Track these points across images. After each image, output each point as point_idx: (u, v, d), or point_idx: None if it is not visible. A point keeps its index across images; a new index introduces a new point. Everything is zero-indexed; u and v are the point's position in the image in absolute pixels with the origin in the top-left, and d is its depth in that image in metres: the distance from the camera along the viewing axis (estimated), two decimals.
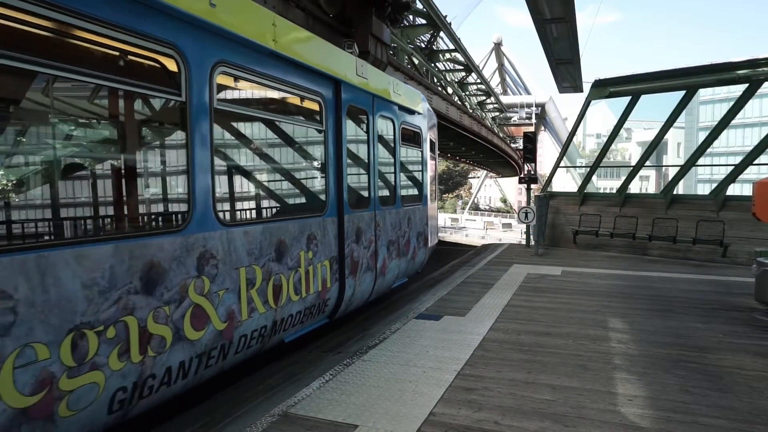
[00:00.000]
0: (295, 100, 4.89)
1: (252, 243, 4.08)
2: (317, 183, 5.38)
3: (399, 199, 7.13)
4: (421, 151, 8.12)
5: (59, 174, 3.48)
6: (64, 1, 2.63)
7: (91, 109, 3.48)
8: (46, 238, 3.30)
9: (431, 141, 8.68)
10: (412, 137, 7.71)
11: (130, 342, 3.00)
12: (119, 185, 3.69)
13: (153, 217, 3.97)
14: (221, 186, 4.11)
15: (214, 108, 3.65)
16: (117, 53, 3.05)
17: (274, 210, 5.20)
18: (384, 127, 6.61)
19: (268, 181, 5.26)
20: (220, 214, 3.76)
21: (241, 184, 4.80)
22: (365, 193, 6.16)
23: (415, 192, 8.08)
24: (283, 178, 5.42)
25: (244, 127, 4.73)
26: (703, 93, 57.64)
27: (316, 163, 5.40)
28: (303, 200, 5.58)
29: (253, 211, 4.86)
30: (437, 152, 8.92)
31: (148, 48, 3.17)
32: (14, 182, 3.18)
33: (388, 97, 6.59)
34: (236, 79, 4.04)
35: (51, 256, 2.57)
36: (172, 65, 3.35)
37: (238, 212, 4.64)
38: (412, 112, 7.49)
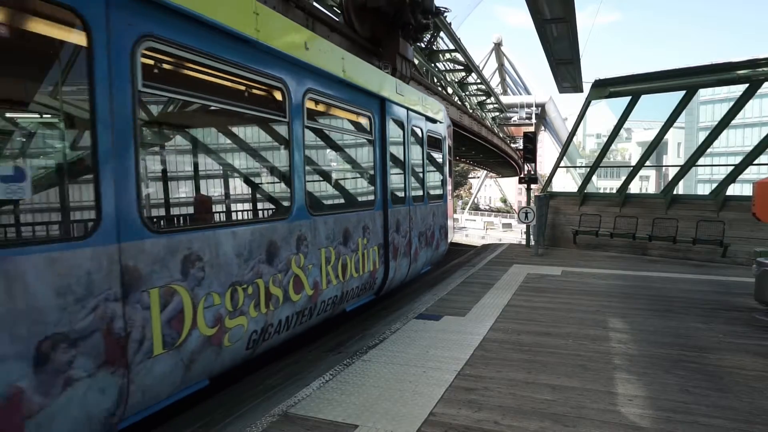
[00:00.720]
0: (354, 116, 6.11)
1: (329, 229, 5.18)
2: (369, 183, 6.55)
3: (426, 196, 8.27)
4: (442, 155, 9.31)
5: (227, 175, 5.18)
6: (219, 53, 3.67)
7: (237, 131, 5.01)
8: (216, 220, 4.72)
9: (448, 145, 9.81)
10: (435, 143, 8.80)
11: (260, 298, 4.06)
12: (253, 184, 5.29)
13: (271, 208, 5.42)
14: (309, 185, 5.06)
15: (305, 126, 4.68)
16: (247, 87, 4.18)
17: (341, 204, 6.47)
18: (415, 134, 7.80)
19: (336, 180, 6.63)
20: (309, 207, 4.79)
21: (320, 184, 6.01)
22: (401, 192, 7.24)
23: (439, 191, 9.21)
24: (345, 179, 6.85)
25: (320, 139, 5.82)
26: (703, 93, 57.62)
27: (368, 167, 6.49)
28: (360, 197, 6.74)
29: (328, 205, 6.02)
30: (452, 154, 10.22)
31: (266, 84, 4.26)
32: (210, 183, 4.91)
33: (418, 110, 7.74)
34: (317, 102, 5.10)
35: (221, 233, 3.69)
36: (279, 95, 4.39)
37: (319, 205, 5.62)
38: (435, 121, 8.59)
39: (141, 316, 2.99)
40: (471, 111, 31.49)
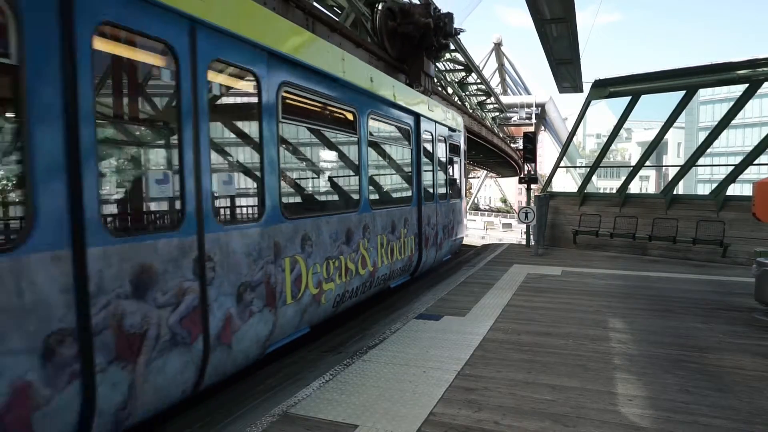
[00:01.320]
0: (398, 130, 7.70)
1: (383, 221, 6.73)
2: (408, 184, 8.09)
3: (448, 195, 9.83)
4: (460, 159, 10.95)
5: (319, 176, 6.80)
6: (320, 89, 5.17)
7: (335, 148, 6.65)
8: (318, 211, 5.96)
9: (463, 149, 11.42)
10: (455, 149, 10.46)
11: (342, 270, 5.54)
12: (336, 184, 6.92)
13: (348, 200, 6.71)
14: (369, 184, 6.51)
15: (368, 140, 6.28)
16: (332, 112, 5.77)
17: (390, 201, 7.90)
18: (441, 142, 9.33)
19: (389, 182, 8.18)
20: (370, 203, 6.29)
21: (375, 185, 7.39)
22: (431, 191, 8.77)
23: (458, 190, 10.86)
24: (392, 181, 8.33)
25: (376, 150, 7.18)
26: (703, 93, 57.61)
27: (407, 170, 8.02)
28: (402, 195, 8.21)
29: (381, 201, 7.39)
30: (465, 157, 12.26)
31: (345, 109, 5.86)
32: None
33: (443, 122, 9.34)
34: (375, 120, 6.66)
35: (322, 220, 5.18)
36: (351, 117, 6.00)
37: (376, 202, 6.91)
38: (455, 130, 10.26)
39: (281, 276, 4.41)
40: (471, 111, 31.46)
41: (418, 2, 9.86)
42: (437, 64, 19.48)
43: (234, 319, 3.75)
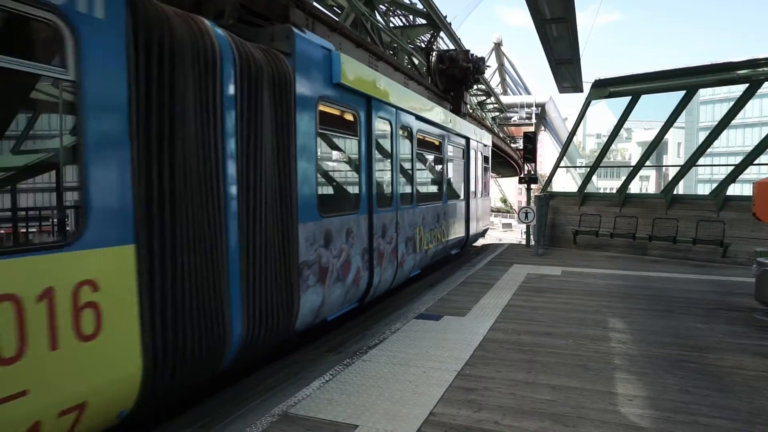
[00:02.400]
0: (459, 149, 11.22)
1: (452, 209, 10.34)
2: (461, 185, 11.62)
3: (482, 193, 13.76)
4: (487, 167, 14.80)
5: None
6: (426, 127, 8.74)
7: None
8: (428, 201, 9.01)
9: (489, 157, 15.23)
10: (486, 159, 14.47)
11: (435, 237, 9.15)
12: (436, 187, 9.88)
13: (437, 195, 9.81)
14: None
15: (447, 157, 9.86)
16: (431, 141, 9.33)
17: (455, 196, 10.99)
18: (479, 156, 13.29)
19: (455, 184, 11.13)
20: (447, 197, 9.72)
21: (452, 186, 10.70)
22: (474, 190, 12.49)
23: (488, 189, 15.17)
24: (457, 183, 11.30)
25: (454, 165, 10.89)
26: (703, 93, 57.56)
27: (462, 176, 11.67)
28: (460, 192, 11.53)
29: (450, 196, 10.44)
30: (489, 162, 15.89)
31: (436, 138, 9.38)
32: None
33: (480, 140, 13.24)
34: (449, 144, 10.13)
35: (431, 206, 8.91)
36: (438, 143, 9.43)
37: (450, 196, 10.37)
38: (486, 145, 14.36)
39: (415, 237, 8.02)
40: (471, 111, 31.44)
41: (461, 50, 14.09)
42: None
43: (386, 258, 6.99)
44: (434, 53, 13.72)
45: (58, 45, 2.66)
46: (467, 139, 11.63)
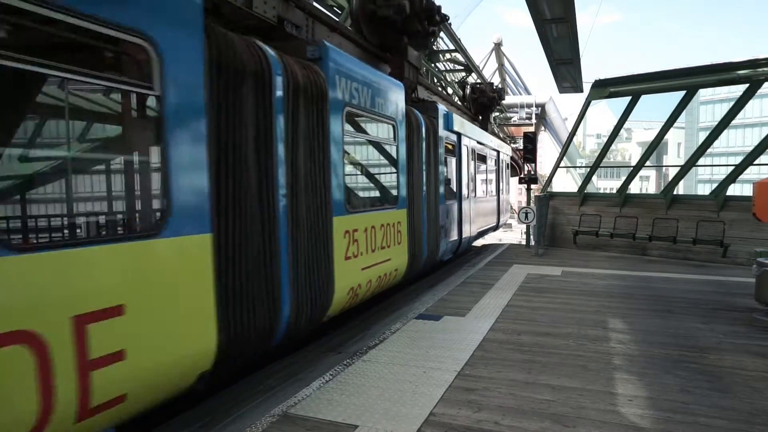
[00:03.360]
0: (491, 160, 14.52)
1: (485, 204, 13.82)
2: (494, 184, 15.19)
3: (503, 190, 16.61)
4: (508, 171, 18.42)
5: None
6: (475, 146, 12.41)
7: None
8: (473, 196, 12.23)
9: (510, 163, 19.00)
10: (507, 165, 18.05)
11: (475, 221, 12.31)
12: (481, 188, 13.13)
13: (482, 191, 13.53)
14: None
15: (469, 163, 11.81)
16: (481, 155, 13.44)
17: (490, 192, 14.44)
18: (506, 164, 17.43)
19: (492, 185, 14.75)
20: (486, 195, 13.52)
21: (489, 185, 14.54)
22: (502, 188, 16.36)
23: (507, 188, 18.00)
24: (492, 185, 14.91)
25: (480, 169, 13.24)
26: (704, 93, 57.49)
27: (495, 178, 15.32)
28: (493, 192, 15.00)
29: (489, 193, 14.44)
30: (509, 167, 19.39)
31: (488, 154, 14.35)
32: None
33: (507, 153, 17.82)
34: (479, 154, 13.01)
35: (475, 200, 12.25)
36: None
37: (486, 193, 14.08)
38: (507, 155, 18.08)
39: (466, 219, 11.47)
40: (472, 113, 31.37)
41: (487, 83, 14.51)
42: (438, 64, 19.92)
43: (462, 228, 10.90)
44: (468, 86, 17.71)
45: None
46: (498, 152, 15.73)
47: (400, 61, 8.98)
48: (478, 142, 12.56)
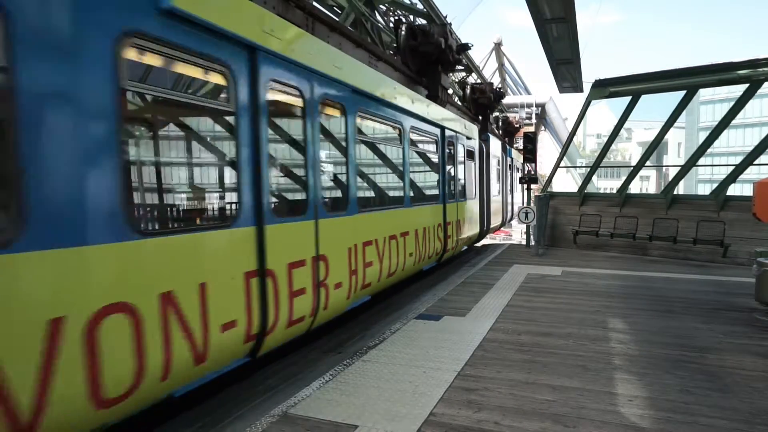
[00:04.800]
0: (502, 161, 16.96)
1: (498, 202, 16.34)
2: (502, 183, 16.94)
3: (510, 189, 18.58)
4: (513, 170, 19.72)
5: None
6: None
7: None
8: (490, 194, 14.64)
9: (517, 166, 20.22)
10: (517, 169, 19.87)
11: (491, 214, 14.68)
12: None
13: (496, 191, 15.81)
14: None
15: (510, 172, 18.66)
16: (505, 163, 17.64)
17: (498, 192, 16.18)
18: (514, 166, 20.06)
19: (499, 183, 16.50)
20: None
21: (499, 185, 16.62)
22: (509, 187, 18.53)
23: (514, 186, 19.60)
24: (502, 182, 17.08)
25: (497, 170, 16.30)
26: (704, 93, 57.48)
27: (505, 178, 17.73)
28: (499, 189, 16.36)
29: (503, 192, 17.11)
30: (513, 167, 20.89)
31: (506, 161, 18.06)
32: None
33: (513, 156, 19.80)
34: (498, 159, 16.32)
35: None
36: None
37: (499, 192, 16.38)
38: (514, 159, 19.91)
39: (484, 214, 13.60)
40: (472, 113, 31.37)
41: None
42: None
43: (483, 221, 13.25)
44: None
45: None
46: (512, 158, 19.46)
47: (435, 86, 11.95)
48: (501, 154, 16.87)
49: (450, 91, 16.48)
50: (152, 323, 3.02)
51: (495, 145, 15.33)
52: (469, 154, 11.22)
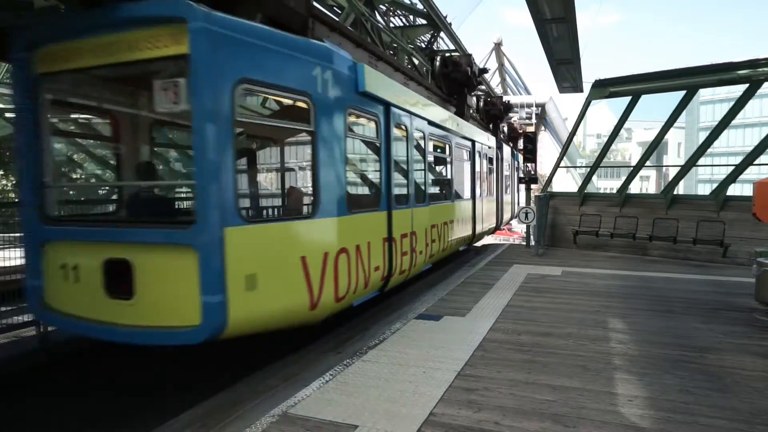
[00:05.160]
0: (509, 163, 17.52)
1: (510, 202, 18.27)
2: (509, 184, 17.69)
3: (517, 189, 19.67)
4: (519, 172, 19.44)
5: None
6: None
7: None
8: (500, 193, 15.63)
9: (519, 166, 19.90)
10: (517, 169, 19.67)
11: (503, 208, 16.07)
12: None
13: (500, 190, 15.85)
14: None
15: (506, 172, 17.48)
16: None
17: (506, 191, 16.99)
18: (516, 163, 19.57)
19: (500, 183, 15.73)
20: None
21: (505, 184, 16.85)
22: (515, 187, 19.47)
23: (503, 187, 17.34)
24: (506, 183, 17.24)
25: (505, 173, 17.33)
26: (704, 93, 57.42)
27: (510, 178, 18.22)
28: (510, 188, 18.11)
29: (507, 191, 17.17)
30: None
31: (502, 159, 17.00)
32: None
33: (518, 159, 19.36)
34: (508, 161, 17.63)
35: (486, 198, 13.35)
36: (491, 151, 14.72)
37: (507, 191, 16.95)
38: (515, 160, 19.63)
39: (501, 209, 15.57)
40: (472, 112, 31.40)
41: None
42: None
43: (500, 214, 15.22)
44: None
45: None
46: (519, 162, 19.68)
47: (462, 105, 13.33)
48: (510, 159, 18.21)
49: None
50: (353, 260, 5.59)
51: (507, 151, 17.67)
52: (490, 161, 13.80)
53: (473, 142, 11.61)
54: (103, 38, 4.29)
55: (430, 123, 8.31)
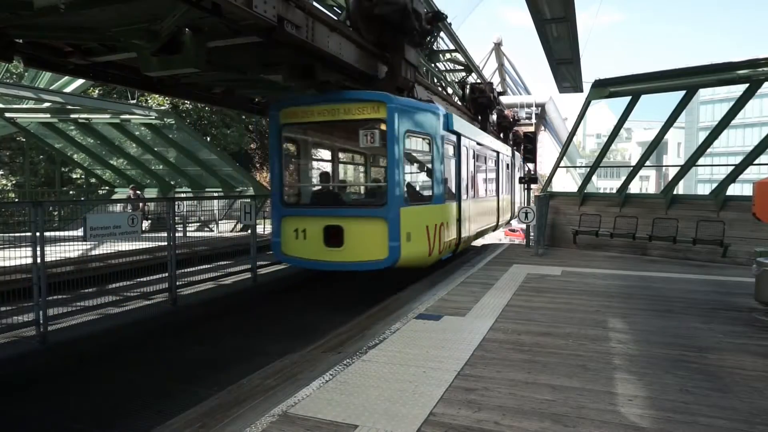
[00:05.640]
0: (511, 164, 18.84)
1: (504, 199, 17.88)
2: (510, 184, 18.39)
3: (514, 189, 18.73)
4: (515, 171, 19.65)
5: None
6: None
7: None
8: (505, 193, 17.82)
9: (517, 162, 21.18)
10: (519, 168, 20.17)
11: (511, 205, 18.68)
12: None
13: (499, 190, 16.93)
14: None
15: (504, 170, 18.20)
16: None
17: (504, 191, 17.76)
18: (518, 166, 20.49)
19: (504, 183, 17.13)
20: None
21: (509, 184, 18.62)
22: (518, 188, 19.12)
23: (515, 186, 19.31)
24: (512, 184, 18.78)
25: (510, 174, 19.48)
26: (704, 93, 57.39)
27: (504, 178, 17.63)
28: (507, 188, 17.45)
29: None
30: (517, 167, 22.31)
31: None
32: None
33: (519, 159, 20.81)
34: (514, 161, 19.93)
35: (505, 196, 17.21)
36: (508, 152, 18.26)
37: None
38: (517, 158, 20.30)
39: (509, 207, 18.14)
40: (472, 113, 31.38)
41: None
42: (439, 64, 20.22)
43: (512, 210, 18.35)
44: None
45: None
46: (514, 156, 20.44)
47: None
48: (518, 162, 20.02)
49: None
50: (444, 230, 9.06)
51: (518, 157, 20.40)
52: (507, 166, 16.78)
53: (498, 152, 15.10)
54: (326, 106, 8.31)
55: (478, 144, 12.10)
